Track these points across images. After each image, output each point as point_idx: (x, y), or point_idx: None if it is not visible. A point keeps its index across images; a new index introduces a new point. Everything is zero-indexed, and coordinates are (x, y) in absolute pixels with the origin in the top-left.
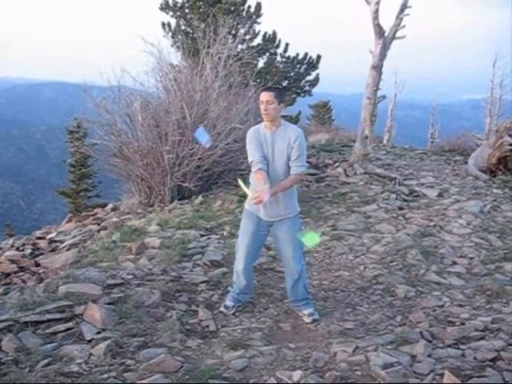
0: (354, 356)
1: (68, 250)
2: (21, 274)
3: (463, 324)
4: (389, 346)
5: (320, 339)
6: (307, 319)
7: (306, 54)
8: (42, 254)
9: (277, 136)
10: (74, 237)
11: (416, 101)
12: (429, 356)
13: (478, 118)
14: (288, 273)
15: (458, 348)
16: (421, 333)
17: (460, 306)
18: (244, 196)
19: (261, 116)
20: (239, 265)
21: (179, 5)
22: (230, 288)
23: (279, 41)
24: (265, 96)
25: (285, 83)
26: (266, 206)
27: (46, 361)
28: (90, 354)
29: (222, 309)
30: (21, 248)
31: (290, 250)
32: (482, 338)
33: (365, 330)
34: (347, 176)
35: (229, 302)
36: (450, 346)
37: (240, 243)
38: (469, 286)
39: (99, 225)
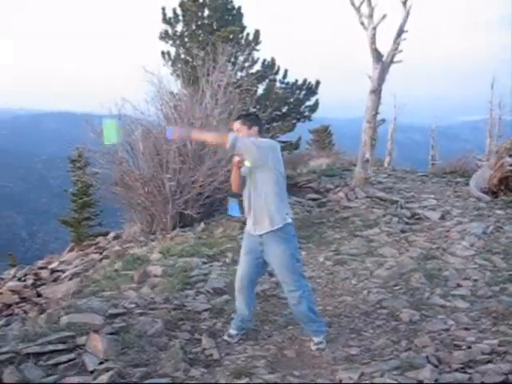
0: (359, 382)
1: (70, 279)
2: (22, 304)
3: (469, 347)
4: (395, 372)
5: (325, 366)
6: (313, 347)
7: (305, 80)
8: (43, 284)
9: None
10: (76, 266)
11: (415, 123)
12: (436, 381)
13: (478, 139)
14: (287, 297)
15: (465, 372)
16: (427, 357)
17: (466, 329)
18: (245, 222)
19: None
20: (236, 287)
21: (178, 33)
22: (233, 315)
23: (278, 67)
24: (233, 125)
25: (284, 109)
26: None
27: None
28: None
29: (225, 337)
30: (23, 278)
31: (281, 272)
32: (490, 362)
33: (370, 356)
34: (349, 200)
35: (232, 331)
36: (456, 370)
37: (239, 265)
38: (474, 309)
39: (101, 254)
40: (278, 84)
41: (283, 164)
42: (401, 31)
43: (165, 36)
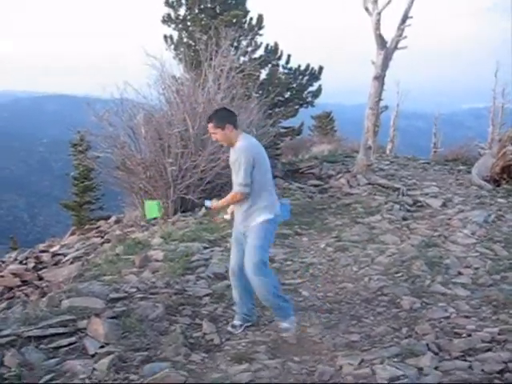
0: (359, 369)
1: (71, 263)
2: (24, 287)
3: (470, 335)
4: (395, 359)
5: (325, 352)
6: (282, 333)
7: (308, 65)
8: (45, 267)
9: (232, 157)
10: (78, 250)
11: (418, 110)
12: (436, 368)
13: (481, 127)
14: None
15: (465, 360)
16: (427, 345)
17: (466, 317)
18: None
19: (263, 128)
20: (230, 280)
21: (181, 17)
22: (235, 308)
23: (281, 52)
24: (209, 128)
25: (287, 94)
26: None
27: (49, 376)
28: (94, 369)
29: (229, 328)
30: (24, 261)
31: (246, 255)
32: (489, 350)
33: (370, 343)
34: (350, 187)
35: (236, 322)
36: (456, 358)
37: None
38: (474, 297)
39: (102, 238)
40: (280, 69)
41: (268, 161)
42: (405, 17)
43: (167, 20)
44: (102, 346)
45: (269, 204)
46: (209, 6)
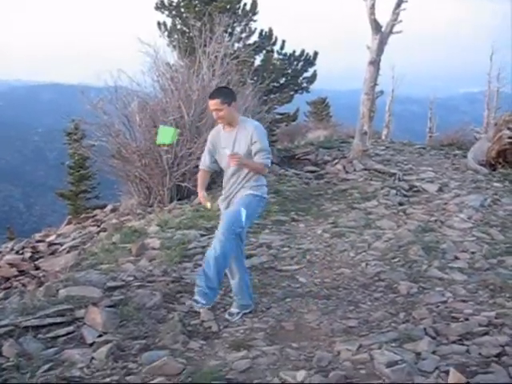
0: (357, 354)
1: (68, 252)
2: (21, 277)
3: (467, 320)
4: (393, 344)
5: (323, 338)
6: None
7: (303, 51)
8: (41, 257)
9: (237, 134)
10: (74, 239)
11: (413, 95)
12: (433, 353)
13: (476, 112)
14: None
15: (463, 344)
16: (425, 329)
17: (463, 301)
18: None
19: (259, 114)
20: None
21: (174, 4)
22: (231, 294)
23: (276, 38)
24: (212, 105)
25: (282, 80)
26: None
27: (47, 366)
28: (92, 358)
29: (226, 315)
30: (20, 251)
31: (225, 216)
32: (487, 334)
33: (368, 328)
34: (346, 172)
35: (233, 309)
36: (454, 342)
37: None
38: (471, 281)
39: (99, 226)
40: (275, 55)
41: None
42: (400, 1)
43: (161, 6)
44: (99, 335)
45: (263, 184)
46: None
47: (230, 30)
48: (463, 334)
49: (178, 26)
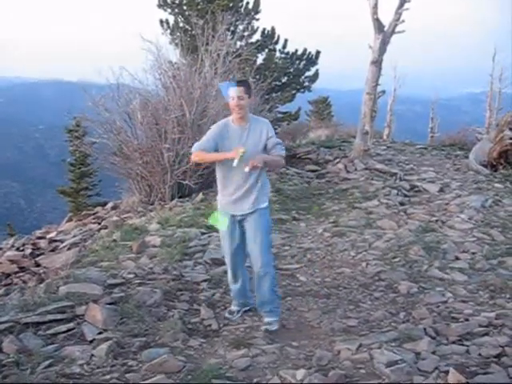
0: (357, 354)
1: (68, 249)
2: (21, 274)
3: (467, 320)
4: (393, 344)
5: (323, 337)
6: (262, 327)
7: (305, 50)
8: (42, 253)
9: (250, 130)
10: (75, 236)
11: (415, 95)
12: (433, 353)
13: (478, 112)
14: (255, 269)
15: (463, 344)
16: (424, 329)
17: (463, 301)
18: None
19: (261, 113)
20: (229, 272)
21: (177, 2)
22: (231, 294)
23: (278, 37)
24: (236, 91)
25: (284, 79)
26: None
27: (47, 362)
28: (92, 355)
29: (226, 314)
30: (21, 248)
31: (257, 243)
32: (486, 334)
33: (368, 328)
34: (348, 172)
35: (234, 307)
36: (454, 342)
37: (224, 251)
38: (472, 282)
39: (99, 224)
40: (277, 54)
41: None
42: (403, 1)
43: (163, 4)
44: (100, 332)
45: (267, 185)
46: None
47: (232, 28)
48: (463, 335)
49: (181, 24)
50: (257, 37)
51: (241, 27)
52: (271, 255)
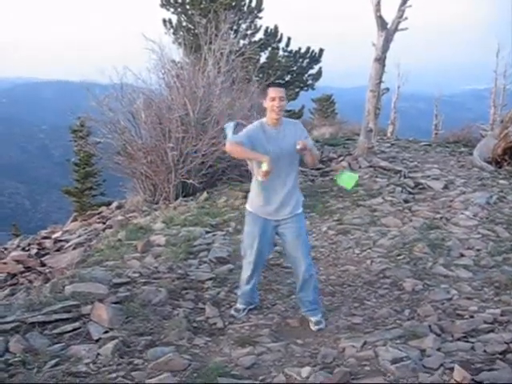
0: (362, 351)
1: (74, 249)
2: (27, 274)
3: (472, 317)
4: (397, 341)
5: (328, 335)
6: (313, 327)
7: (309, 48)
8: (47, 253)
9: (286, 132)
10: (80, 236)
11: (419, 92)
12: (438, 350)
13: (482, 109)
14: (300, 272)
15: (468, 341)
16: (429, 326)
17: (468, 298)
18: (249, 191)
19: (264, 111)
20: (247, 271)
21: (180, 1)
22: (237, 292)
23: (281, 35)
24: (279, 92)
25: (287, 77)
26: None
27: (53, 361)
28: (98, 354)
29: (232, 312)
30: (26, 248)
31: (300, 249)
32: (492, 331)
33: (373, 325)
34: (352, 170)
35: (239, 305)
36: (459, 339)
37: (248, 250)
38: (477, 279)
39: (104, 223)
40: (280, 52)
41: None
42: None
43: (166, 3)
44: (105, 331)
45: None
46: None
47: (235, 27)
48: (468, 331)
49: (184, 24)
50: (260, 35)
51: (244, 26)
52: (310, 258)
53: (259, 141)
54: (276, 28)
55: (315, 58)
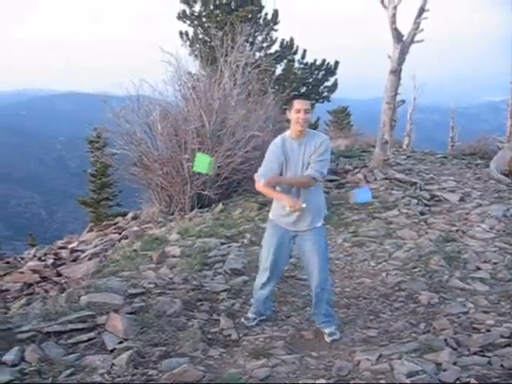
0: (377, 364)
1: (89, 259)
2: (43, 284)
3: (489, 331)
4: (413, 354)
5: (343, 347)
6: (327, 338)
7: (324, 60)
8: (63, 263)
9: (307, 144)
10: (96, 246)
11: (435, 104)
12: (454, 364)
13: (498, 121)
14: (312, 286)
15: (484, 355)
16: (445, 340)
17: (485, 312)
18: (264, 203)
19: (280, 123)
20: (262, 278)
21: (196, 14)
22: (251, 300)
23: (297, 47)
24: (304, 104)
25: (303, 89)
26: (297, 214)
27: (68, 371)
28: (113, 364)
29: (242, 320)
30: (43, 258)
31: (315, 262)
32: (509, 345)
33: (388, 338)
34: (367, 182)
35: (250, 314)
36: (475, 353)
37: (264, 257)
38: (493, 292)
39: (120, 234)
40: (296, 64)
41: None
42: (422, 10)
43: (183, 16)
44: (120, 342)
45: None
46: (224, 1)
47: (251, 39)
48: (485, 346)
49: (200, 36)
50: (276, 47)
51: (260, 38)
52: (327, 272)
53: (285, 155)
54: (292, 40)
55: (331, 70)
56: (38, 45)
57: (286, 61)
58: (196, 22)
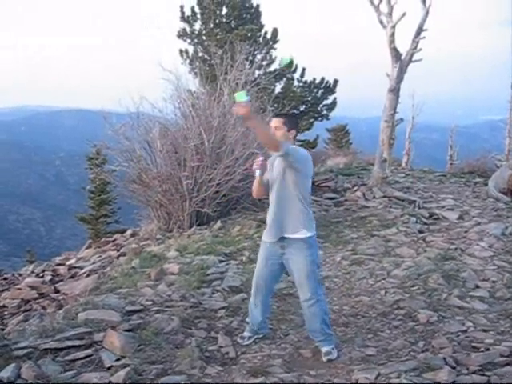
0: (376, 383)
1: (87, 276)
2: (41, 300)
3: (488, 349)
4: (412, 373)
5: (341, 366)
6: (323, 358)
7: (323, 79)
8: (61, 280)
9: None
10: (94, 263)
11: (434, 123)
12: (453, 383)
13: (497, 139)
14: (301, 302)
15: (484, 374)
16: (444, 359)
17: (484, 330)
18: (263, 221)
19: None
20: (252, 297)
21: (196, 32)
22: (247, 319)
23: (296, 66)
24: (273, 122)
25: (302, 108)
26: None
27: None
28: (110, 382)
29: (238, 339)
30: (41, 274)
31: (296, 277)
32: (508, 364)
33: (387, 357)
34: (366, 200)
35: (246, 333)
36: (474, 372)
37: (254, 276)
38: (492, 311)
39: (118, 251)
40: (295, 83)
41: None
42: (420, 30)
43: (183, 34)
44: (117, 359)
45: (312, 220)
46: (224, 20)
47: (250, 57)
48: (484, 364)
49: (200, 54)
50: (275, 66)
51: (259, 56)
52: (315, 287)
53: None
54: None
55: (330, 88)
56: (40, 62)
57: (285, 79)
58: (196, 40)
